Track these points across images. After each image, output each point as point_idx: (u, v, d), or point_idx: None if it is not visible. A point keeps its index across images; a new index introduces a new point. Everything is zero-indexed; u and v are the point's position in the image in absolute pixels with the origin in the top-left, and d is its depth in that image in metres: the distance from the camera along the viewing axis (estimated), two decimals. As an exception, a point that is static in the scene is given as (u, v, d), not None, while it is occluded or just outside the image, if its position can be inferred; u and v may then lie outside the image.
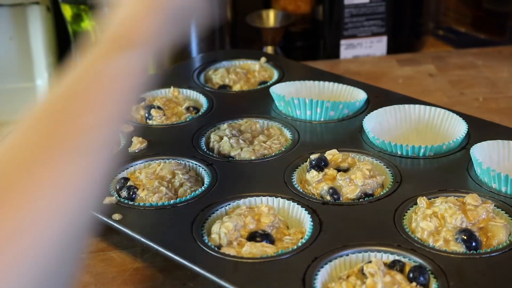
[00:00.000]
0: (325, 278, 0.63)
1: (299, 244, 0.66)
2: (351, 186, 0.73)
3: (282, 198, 0.72)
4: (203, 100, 0.94)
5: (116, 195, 0.75)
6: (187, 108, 0.92)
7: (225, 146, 0.82)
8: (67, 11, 1.15)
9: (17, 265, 0.42)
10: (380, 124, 0.85)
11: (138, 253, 0.74)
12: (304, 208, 0.71)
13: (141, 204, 0.73)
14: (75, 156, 0.47)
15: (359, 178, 0.74)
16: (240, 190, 0.74)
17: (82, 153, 0.48)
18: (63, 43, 1.21)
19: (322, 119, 0.87)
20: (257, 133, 0.85)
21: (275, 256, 0.65)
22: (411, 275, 0.61)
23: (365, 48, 1.21)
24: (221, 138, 0.83)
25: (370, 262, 0.62)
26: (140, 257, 0.74)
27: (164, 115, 0.90)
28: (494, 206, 0.70)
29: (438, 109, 0.86)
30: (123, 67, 0.54)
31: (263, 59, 1.04)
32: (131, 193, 0.75)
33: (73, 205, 0.46)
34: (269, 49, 1.22)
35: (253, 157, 0.80)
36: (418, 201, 0.70)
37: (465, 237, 0.65)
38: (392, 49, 1.22)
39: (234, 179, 0.76)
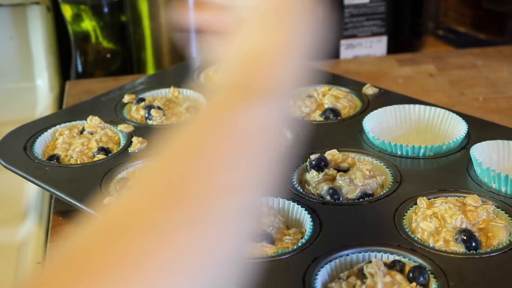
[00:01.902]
0: (325, 278, 0.63)
1: (299, 244, 0.66)
2: (351, 186, 0.73)
3: (282, 198, 0.72)
4: (203, 100, 0.94)
5: (116, 195, 0.75)
6: (187, 108, 0.92)
7: (225, 146, 0.82)
8: (67, 11, 1.15)
9: None
10: (380, 124, 0.85)
11: (138, 253, 0.74)
12: (304, 208, 0.71)
13: (141, 204, 0.73)
14: (202, 226, 0.39)
15: (359, 178, 0.74)
16: (240, 190, 0.74)
17: (211, 222, 0.39)
18: (63, 43, 1.22)
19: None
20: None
21: (275, 256, 0.65)
22: (411, 275, 0.61)
23: (365, 48, 1.21)
24: (221, 138, 0.83)
25: (370, 262, 0.62)
26: (140, 257, 0.73)
27: (164, 115, 0.90)
28: (495, 206, 0.70)
29: (438, 109, 0.86)
30: (256, 120, 0.44)
31: (263, 59, 1.03)
32: (131, 193, 0.75)
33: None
34: (269, 49, 1.21)
35: (253, 157, 0.80)
36: (418, 202, 0.70)
37: (465, 238, 0.65)
38: (392, 49, 1.21)
39: (234, 179, 0.76)
